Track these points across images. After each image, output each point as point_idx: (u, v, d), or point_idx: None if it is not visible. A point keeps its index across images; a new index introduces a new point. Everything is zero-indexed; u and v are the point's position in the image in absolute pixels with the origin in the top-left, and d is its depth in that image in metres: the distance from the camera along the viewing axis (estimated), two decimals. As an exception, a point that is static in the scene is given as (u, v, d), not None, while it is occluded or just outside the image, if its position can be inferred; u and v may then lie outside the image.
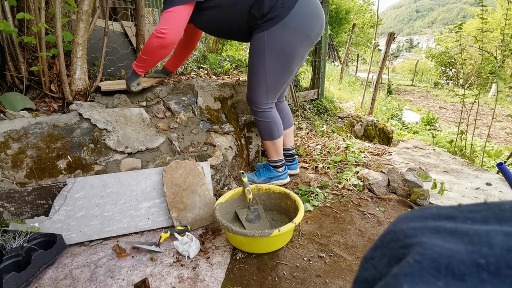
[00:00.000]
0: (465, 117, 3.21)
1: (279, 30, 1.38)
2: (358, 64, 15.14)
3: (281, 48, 1.42)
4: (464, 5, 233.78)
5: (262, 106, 1.59)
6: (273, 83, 1.53)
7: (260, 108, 1.60)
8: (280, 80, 1.54)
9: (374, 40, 5.36)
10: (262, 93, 1.55)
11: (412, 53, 61.72)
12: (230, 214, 1.41)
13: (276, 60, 1.46)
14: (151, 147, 1.43)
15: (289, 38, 1.40)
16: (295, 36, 1.40)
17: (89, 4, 1.43)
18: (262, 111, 1.60)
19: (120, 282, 1.04)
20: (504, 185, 1.91)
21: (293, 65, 1.51)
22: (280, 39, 1.40)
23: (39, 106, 1.48)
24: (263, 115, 1.62)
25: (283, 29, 1.38)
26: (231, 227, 1.13)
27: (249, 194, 1.39)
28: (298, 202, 1.31)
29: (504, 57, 4.37)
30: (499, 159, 3.70)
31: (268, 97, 1.57)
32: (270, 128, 1.65)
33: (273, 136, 1.67)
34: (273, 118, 1.63)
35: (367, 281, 0.23)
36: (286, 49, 1.43)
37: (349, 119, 3.42)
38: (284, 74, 1.53)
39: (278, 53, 1.44)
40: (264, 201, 1.50)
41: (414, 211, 0.25)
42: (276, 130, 1.66)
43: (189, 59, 2.61)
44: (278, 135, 1.68)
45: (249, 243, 1.18)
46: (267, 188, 1.48)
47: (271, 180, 1.78)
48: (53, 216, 1.22)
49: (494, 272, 0.17)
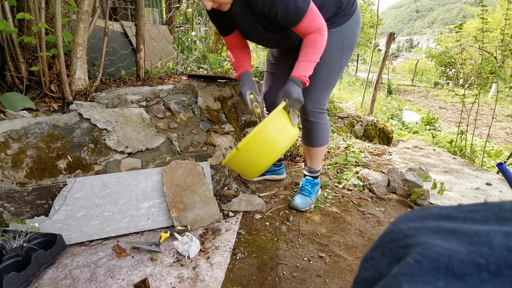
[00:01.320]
0: (465, 117, 3.21)
1: (352, 25, 1.35)
2: (358, 64, 15.14)
3: (353, 43, 1.39)
4: (464, 5, 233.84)
5: (324, 107, 1.48)
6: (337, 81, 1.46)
7: (323, 110, 1.47)
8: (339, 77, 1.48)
9: (374, 40, 5.36)
10: (328, 92, 1.45)
11: (412, 53, 61.74)
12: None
13: (348, 56, 1.41)
14: (151, 147, 1.43)
15: (357, 32, 1.39)
16: (358, 30, 1.40)
17: (89, 4, 1.43)
18: (323, 112, 1.48)
19: (120, 282, 1.04)
20: (504, 185, 1.91)
21: None
22: (354, 34, 1.37)
23: (39, 106, 1.48)
24: (324, 117, 1.49)
25: (354, 24, 1.36)
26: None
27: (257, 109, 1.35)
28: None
29: (504, 57, 4.37)
30: (499, 159, 3.70)
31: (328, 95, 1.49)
32: (328, 130, 1.54)
33: (328, 139, 1.57)
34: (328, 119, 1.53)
35: (367, 281, 0.23)
36: (355, 44, 1.40)
37: (349, 119, 3.42)
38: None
39: (350, 50, 1.39)
40: None
41: (414, 211, 0.25)
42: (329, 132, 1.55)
43: (189, 59, 2.61)
44: None
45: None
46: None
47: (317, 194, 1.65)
48: (53, 216, 1.22)
49: (494, 272, 0.17)
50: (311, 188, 1.60)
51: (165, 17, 3.22)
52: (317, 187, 1.63)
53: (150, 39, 2.35)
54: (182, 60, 2.51)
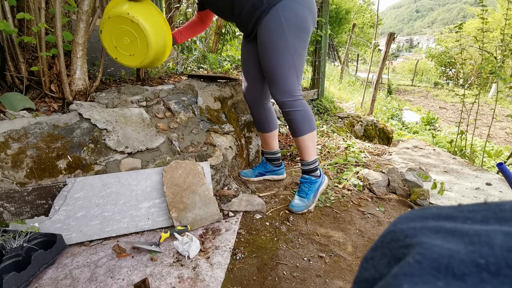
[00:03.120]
0: (465, 117, 3.21)
1: (291, 3, 1.32)
2: (358, 64, 15.13)
3: (298, 23, 1.34)
4: (464, 5, 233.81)
5: (296, 94, 1.43)
6: (299, 65, 1.41)
7: (295, 96, 1.43)
8: (303, 61, 1.42)
9: (374, 40, 5.36)
10: (293, 78, 1.40)
11: (412, 53, 61.71)
12: None
13: (297, 37, 1.36)
14: (151, 147, 1.43)
15: (301, 12, 1.34)
16: (304, 11, 1.35)
17: (89, 4, 1.43)
18: (297, 99, 1.43)
19: (120, 282, 1.04)
20: (504, 185, 1.91)
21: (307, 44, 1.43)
22: (295, 12, 1.33)
23: (39, 106, 1.48)
24: (299, 104, 1.44)
25: (294, 2, 1.33)
26: None
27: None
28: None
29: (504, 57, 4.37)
30: (499, 159, 3.70)
31: (298, 81, 1.43)
32: (310, 115, 1.47)
33: (314, 125, 1.50)
34: (307, 105, 1.48)
35: (367, 281, 0.23)
36: (301, 24, 1.35)
37: (349, 119, 3.42)
38: (304, 54, 1.41)
39: (296, 29, 1.35)
40: None
41: (414, 211, 0.25)
42: (313, 118, 1.51)
43: (189, 59, 2.61)
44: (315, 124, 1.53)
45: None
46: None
47: (319, 189, 1.59)
48: (53, 216, 1.22)
49: (494, 272, 0.17)
50: (308, 188, 1.54)
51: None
52: (315, 185, 1.56)
53: (150, 39, 2.34)
54: (182, 60, 2.52)
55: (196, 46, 2.66)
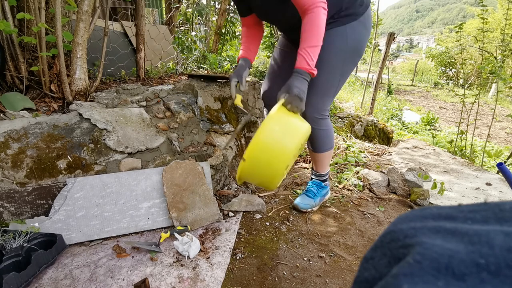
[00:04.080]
0: (465, 117, 3.21)
1: (359, 27, 1.28)
2: (358, 64, 15.12)
3: (358, 48, 1.32)
4: (464, 5, 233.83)
5: (326, 114, 1.41)
6: (341, 86, 1.39)
7: (324, 116, 1.40)
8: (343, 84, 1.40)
9: (374, 40, 5.36)
10: (329, 98, 1.37)
11: (412, 53, 61.72)
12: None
13: (351, 61, 1.33)
14: (151, 147, 1.43)
15: (364, 36, 1.31)
16: (367, 36, 1.33)
17: (89, 4, 1.43)
18: (325, 119, 1.42)
19: (120, 282, 1.04)
20: (504, 185, 1.91)
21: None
22: (360, 36, 1.30)
23: (39, 106, 1.48)
24: (325, 123, 1.42)
25: (362, 27, 1.29)
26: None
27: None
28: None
29: (504, 57, 4.37)
30: (499, 159, 3.70)
31: (331, 101, 1.41)
32: (331, 135, 1.48)
33: (333, 143, 1.52)
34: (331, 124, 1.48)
35: (367, 281, 0.23)
36: (360, 50, 1.33)
37: (349, 119, 3.42)
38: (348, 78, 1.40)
39: (355, 53, 1.32)
40: None
41: (414, 211, 0.25)
42: (333, 136, 1.51)
43: (189, 59, 2.61)
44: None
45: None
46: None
47: (324, 197, 1.61)
48: (53, 216, 1.22)
49: (494, 272, 0.17)
50: (316, 190, 1.56)
51: (165, 17, 3.22)
52: (324, 190, 1.59)
53: (150, 39, 2.35)
54: (182, 60, 2.52)
55: (196, 46, 2.66)
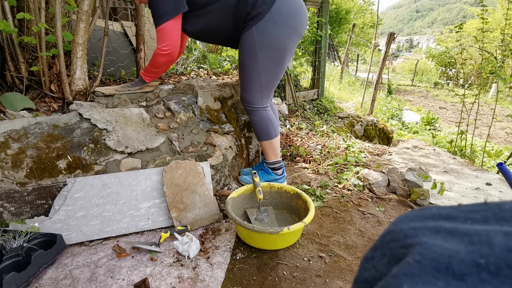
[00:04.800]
0: (465, 117, 3.21)
1: (267, 25, 1.36)
2: (358, 64, 15.12)
3: (273, 44, 1.40)
4: (464, 5, 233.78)
5: (256, 106, 1.57)
6: (267, 82, 1.51)
7: (255, 107, 1.57)
8: (273, 78, 1.53)
9: (374, 40, 5.36)
10: (256, 92, 1.53)
11: (412, 53, 61.68)
12: (240, 209, 1.44)
13: (269, 58, 1.44)
14: (151, 147, 1.43)
15: (279, 32, 1.39)
16: (283, 30, 1.39)
17: (89, 4, 1.43)
18: (257, 110, 1.58)
19: (120, 282, 1.04)
20: (504, 185, 1.91)
21: (285, 61, 1.50)
22: (270, 34, 1.38)
23: (39, 106, 1.48)
24: (258, 114, 1.58)
25: (272, 24, 1.36)
26: (243, 223, 1.16)
27: (260, 195, 1.39)
28: (309, 202, 1.32)
29: (504, 57, 4.37)
30: (499, 159, 3.70)
31: (263, 96, 1.55)
32: (267, 127, 1.61)
33: (270, 135, 1.64)
34: (268, 116, 1.60)
35: (367, 281, 0.23)
36: (277, 45, 1.41)
37: (349, 119, 3.42)
38: (277, 71, 1.51)
39: (270, 50, 1.42)
40: (275, 200, 1.51)
41: (414, 211, 0.25)
42: (273, 129, 1.63)
43: (189, 59, 2.61)
44: (274, 134, 1.64)
45: (260, 239, 1.20)
46: (280, 187, 1.49)
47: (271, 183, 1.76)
48: (53, 216, 1.22)
49: (494, 272, 0.17)
50: (261, 175, 1.70)
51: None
52: (269, 176, 1.71)
53: (150, 39, 2.34)
54: (182, 60, 2.52)
55: (196, 46, 2.66)
